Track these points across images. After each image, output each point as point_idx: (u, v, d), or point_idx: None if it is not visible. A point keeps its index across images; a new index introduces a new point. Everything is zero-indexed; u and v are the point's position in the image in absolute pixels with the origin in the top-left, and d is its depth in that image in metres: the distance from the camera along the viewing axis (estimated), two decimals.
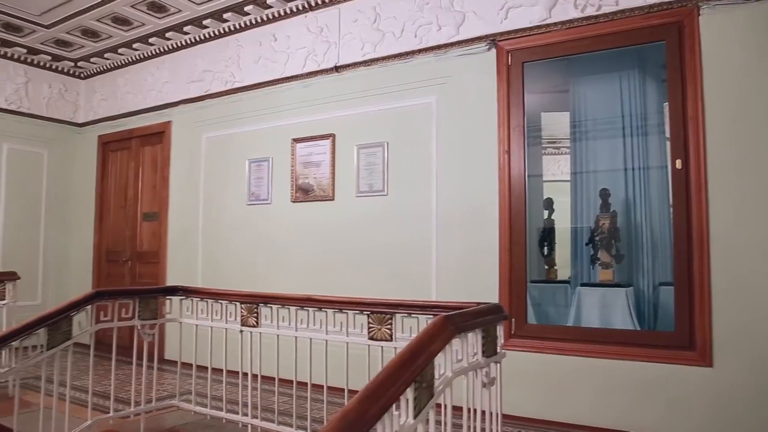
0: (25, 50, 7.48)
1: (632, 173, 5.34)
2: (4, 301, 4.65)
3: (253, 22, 6.29)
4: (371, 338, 3.25)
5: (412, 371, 1.91)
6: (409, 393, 1.88)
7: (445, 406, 2.17)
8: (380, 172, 5.25)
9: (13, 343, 3.25)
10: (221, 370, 4.06)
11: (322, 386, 3.54)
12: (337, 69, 5.64)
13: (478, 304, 2.82)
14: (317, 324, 3.49)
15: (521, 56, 4.67)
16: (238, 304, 3.81)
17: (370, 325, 3.25)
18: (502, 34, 4.74)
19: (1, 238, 7.33)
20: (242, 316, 3.79)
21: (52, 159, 7.93)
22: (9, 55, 7.49)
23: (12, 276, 4.75)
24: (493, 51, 4.78)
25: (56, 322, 3.43)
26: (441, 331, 2.16)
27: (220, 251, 6.35)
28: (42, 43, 7.32)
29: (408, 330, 3.14)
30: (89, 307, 3.60)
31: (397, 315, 3.20)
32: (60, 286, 7.80)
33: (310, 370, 3.51)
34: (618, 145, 5.38)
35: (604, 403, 4.10)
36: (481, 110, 4.80)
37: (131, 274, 7.27)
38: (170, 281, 6.62)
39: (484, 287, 4.59)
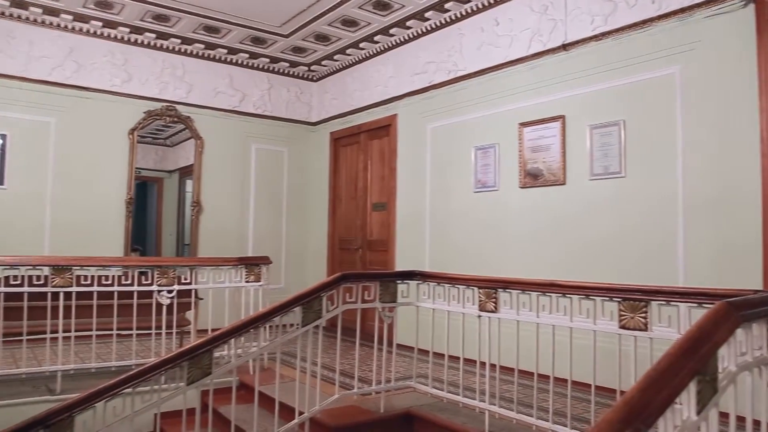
0: (268, 60, 8.27)
1: None
2: (259, 283, 5.15)
3: (475, 9, 6.25)
4: (623, 327, 3.01)
5: (695, 361, 1.69)
6: (692, 386, 1.66)
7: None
8: (616, 153, 4.89)
9: (275, 319, 3.57)
10: (455, 356, 4.07)
11: (563, 379, 3.37)
12: (564, 47, 5.36)
13: (755, 291, 2.46)
14: (560, 311, 3.32)
15: None
16: (475, 289, 3.78)
17: (622, 313, 3.01)
18: None
19: (252, 227, 8.26)
20: (480, 301, 3.74)
21: (291, 156, 8.71)
22: (255, 65, 8.35)
23: (265, 260, 5.25)
24: (751, 6, 4.17)
25: (309, 302, 3.70)
26: (725, 318, 1.89)
27: (448, 238, 6.43)
28: (281, 52, 8.04)
29: (666, 320, 2.84)
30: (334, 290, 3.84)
31: (652, 303, 2.91)
32: (299, 271, 8.54)
33: (553, 359, 3.36)
34: None
35: None
36: (736, 77, 4.23)
37: (362, 261, 7.68)
38: (398, 268, 6.87)
39: (744, 278, 4.03)
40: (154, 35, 7.47)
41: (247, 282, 5.10)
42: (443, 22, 6.61)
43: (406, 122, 7.14)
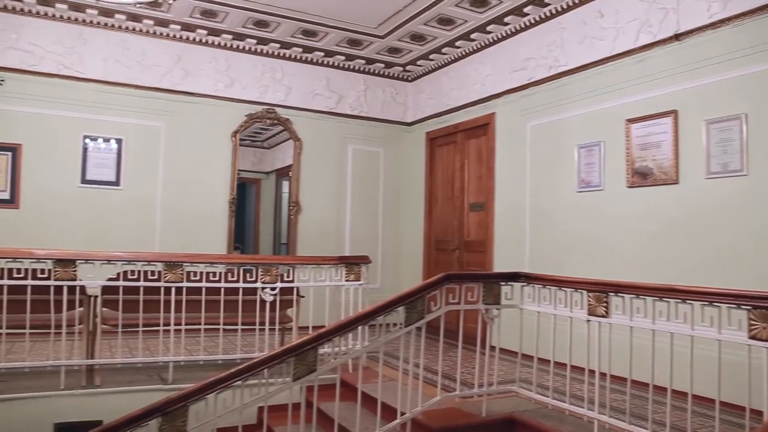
0: (363, 61, 8.35)
1: None
2: (359, 282, 5.18)
3: (577, 1, 6.02)
4: (753, 338, 2.78)
5: None
6: None
7: None
8: (737, 150, 4.55)
9: (378, 318, 3.57)
10: (561, 362, 3.92)
11: (682, 392, 3.16)
12: (677, 37, 5.06)
13: None
14: (680, 318, 3.11)
15: None
16: (584, 292, 3.62)
17: (752, 322, 2.77)
18: None
19: (349, 227, 8.36)
20: (589, 305, 3.59)
21: (387, 156, 8.75)
22: (351, 67, 8.45)
23: (365, 260, 5.28)
24: None
25: (413, 302, 3.68)
26: None
27: (549, 240, 6.22)
28: (377, 53, 8.09)
29: None
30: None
31: None
32: (394, 271, 8.56)
33: (671, 369, 3.16)
34: None
35: None
36: None
37: (459, 263, 7.59)
38: (497, 269, 6.73)
39: None
40: (254, 41, 7.71)
41: (347, 281, 5.15)
42: (543, 16, 6.42)
43: (504, 121, 6.99)
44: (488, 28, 6.98)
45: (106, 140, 7.16)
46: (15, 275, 4.20)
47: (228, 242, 7.62)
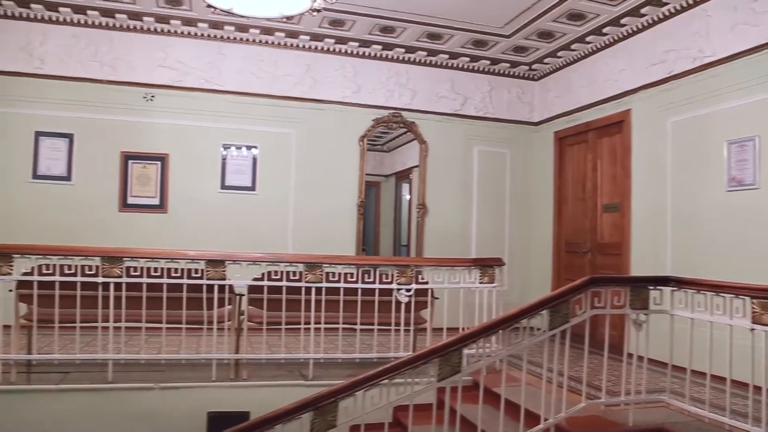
0: (488, 62, 8.27)
1: None
2: (493, 285, 5.12)
3: None
4: None
5: None
6: None
7: None
8: None
9: (522, 321, 3.50)
10: (720, 376, 3.65)
11: None
12: None
13: None
14: None
15: None
16: (747, 299, 3.36)
17: None
18: None
19: (475, 229, 8.30)
20: (754, 312, 3.32)
21: (513, 157, 8.59)
22: (476, 68, 8.40)
23: (499, 262, 5.21)
24: None
25: (556, 305, 3.58)
26: None
27: (694, 242, 5.81)
28: (502, 53, 7.98)
29: None
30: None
31: None
32: (523, 274, 8.38)
33: None
34: None
35: None
36: None
37: (591, 265, 7.30)
38: (634, 273, 6.42)
39: None
40: (380, 47, 7.86)
41: (480, 283, 5.10)
42: (685, 4, 6.03)
43: (641, 117, 6.65)
44: (622, 21, 6.67)
45: (243, 148, 7.59)
46: (173, 274, 4.53)
47: (357, 244, 7.80)
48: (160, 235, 6.92)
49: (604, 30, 6.94)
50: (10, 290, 4.43)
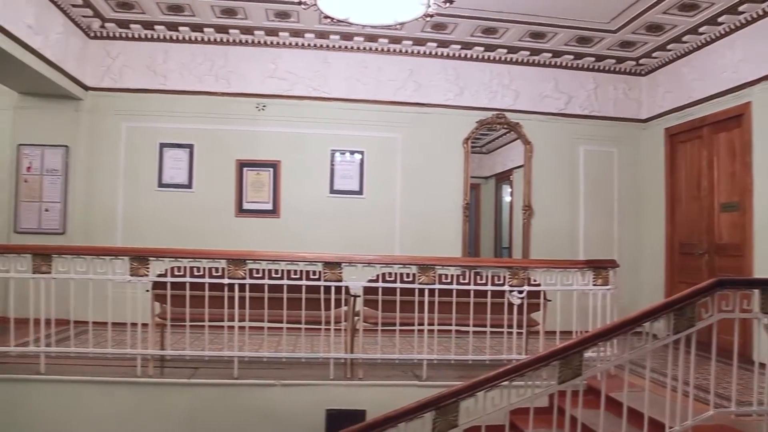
0: (593, 58, 8.08)
1: None
2: (607, 287, 5.02)
3: None
4: None
5: None
6: None
7: None
8: None
9: (645, 325, 3.43)
10: None
11: None
12: None
13: None
14: None
15: None
16: None
17: None
18: None
19: (583, 230, 8.13)
20: None
21: (621, 156, 8.33)
22: (580, 65, 8.24)
23: (613, 263, 5.10)
24: None
25: (681, 308, 3.47)
26: None
27: None
28: (608, 49, 7.78)
29: None
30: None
31: None
32: (633, 277, 8.07)
33: None
34: None
35: None
36: None
37: (708, 268, 6.95)
38: (757, 275, 6.06)
39: None
40: (482, 48, 7.87)
41: (594, 285, 5.01)
42: None
43: (763, 110, 6.27)
44: (740, 8, 6.32)
45: (351, 153, 7.83)
46: (292, 276, 4.76)
47: (462, 246, 7.86)
48: (273, 239, 7.26)
49: (720, 19, 6.62)
50: (147, 290, 4.81)
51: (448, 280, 4.86)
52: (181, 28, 7.52)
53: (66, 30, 6.93)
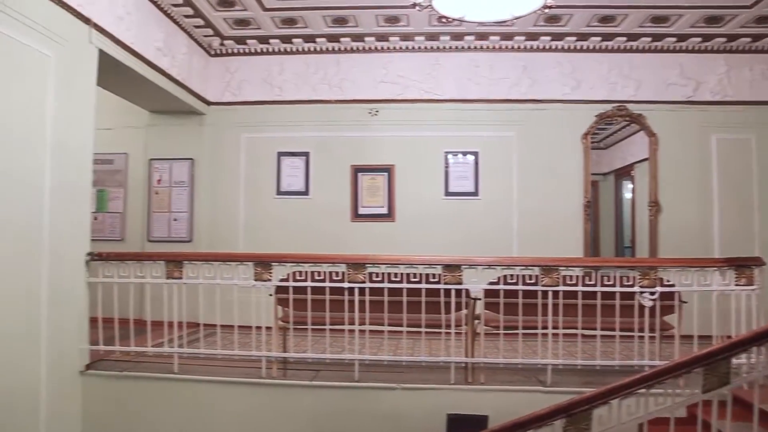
0: (724, 39, 7.49)
1: None
2: (752, 287, 4.58)
3: None
4: None
5: None
6: None
7: None
8: None
9: None
10: None
11: None
12: None
13: None
14: None
15: None
16: None
17: None
18: None
19: (717, 226, 7.52)
20: None
21: (760, 143, 7.60)
22: (708, 48, 7.66)
23: (758, 261, 4.65)
24: None
25: None
26: None
27: None
28: (741, 27, 7.18)
29: None
30: None
31: None
32: None
33: None
34: None
35: None
36: None
37: None
38: None
39: None
40: (599, 38, 7.52)
41: (736, 285, 4.59)
42: None
43: None
44: None
45: (464, 154, 7.74)
46: (411, 279, 4.73)
47: (584, 246, 7.51)
48: (389, 243, 7.31)
49: None
50: (270, 294, 4.96)
51: (573, 282, 4.63)
52: (294, 40, 7.77)
53: (190, 50, 7.37)
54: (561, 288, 4.61)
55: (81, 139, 5.05)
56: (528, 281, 4.64)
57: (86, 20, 5.05)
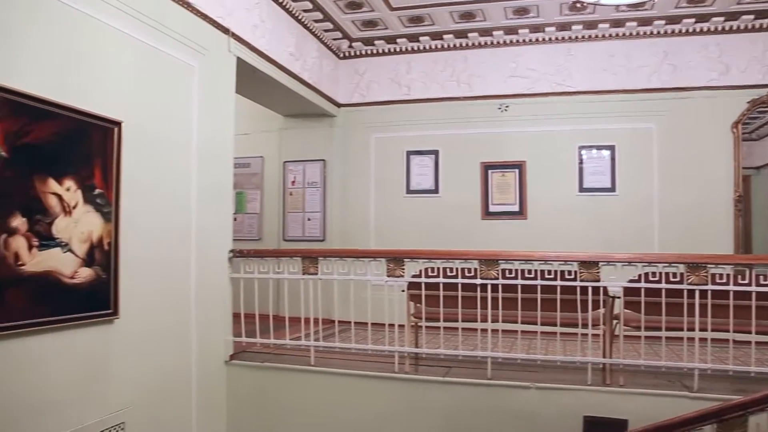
0: None
1: None
2: None
3: None
4: None
5: None
6: None
7: None
8: None
9: None
10: None
11: None
12: None
13: None
14: None
15: None
16: None
17: None
18: None
19: None
20: None
21: None
22: None
23: None
24: None
25: None
26: None
27: None
28: None
29: None
30: None
31: None
32: None
33: None
34: None
35: None
36: None
37: None
38: None
39: None
40: (751, 16, 6.91)
41: None
42: None
43: None
44: None
45: (599, 148, 7.42)
46: (546, 276, 4.61)
47: (735, 244, 6.93)
48: (520, 241, 7.13)
49: None
50: (402, 291, 5.03)
51: (723, 281, 4.29)
52: (421, 38, 7.84)
53: (320, 54, 7.67)
54: (709, 287, 4.28)
55: (223, 145, 5.40)
56: (672, 279, 4.36)
57: (225, 30, 5.40)
